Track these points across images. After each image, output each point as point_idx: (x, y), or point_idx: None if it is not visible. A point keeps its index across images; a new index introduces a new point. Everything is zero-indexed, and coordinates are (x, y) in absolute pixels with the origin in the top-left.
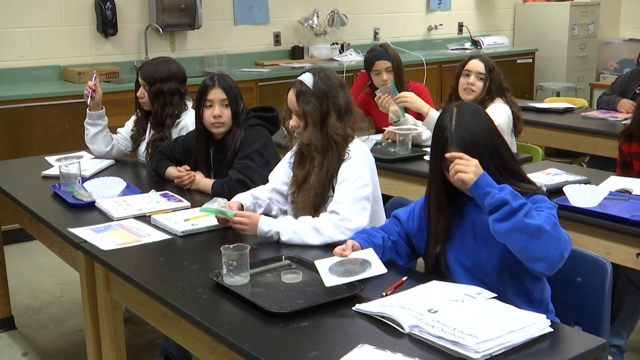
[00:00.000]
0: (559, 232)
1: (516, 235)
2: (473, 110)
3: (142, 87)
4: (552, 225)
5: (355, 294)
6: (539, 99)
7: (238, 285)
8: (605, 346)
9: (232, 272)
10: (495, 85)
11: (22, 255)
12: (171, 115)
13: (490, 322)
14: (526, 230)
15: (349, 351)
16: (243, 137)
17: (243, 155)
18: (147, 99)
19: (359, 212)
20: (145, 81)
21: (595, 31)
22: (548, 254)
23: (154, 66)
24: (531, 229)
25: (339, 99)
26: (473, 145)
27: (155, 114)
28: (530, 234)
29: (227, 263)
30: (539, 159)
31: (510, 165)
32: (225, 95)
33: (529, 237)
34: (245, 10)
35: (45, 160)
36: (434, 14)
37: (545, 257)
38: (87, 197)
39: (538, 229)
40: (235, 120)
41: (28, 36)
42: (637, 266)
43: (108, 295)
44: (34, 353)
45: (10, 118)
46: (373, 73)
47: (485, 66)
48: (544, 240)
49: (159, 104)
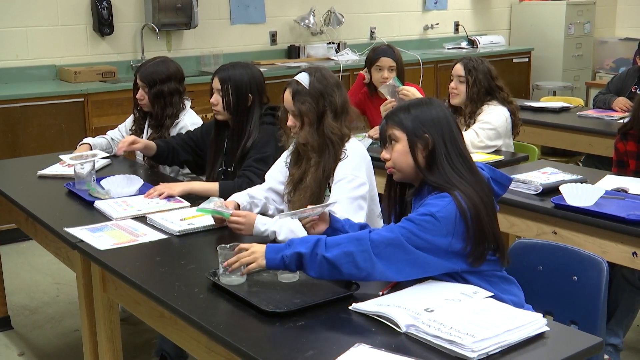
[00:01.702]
0: (364, 245)
1: (331, 273)
2: (424, 100)
3: (142, 89)
4: (355, 243)
5: (351, 293)
6: (535, 98)
7: (234, 285)
8: (601, 345)
9: (229, 272)
10: (482, 86)
11: (18, 255)
12: (170, 115)
13: (486, 321)
14: (334, 262)
15: (346, 350)
16: (257, 134)
17: (259, 157)
18: (147, 100)
19: (355, 211)
20: (145, 83)
21: (591, 30)
22: (365, 272)
23: (152, 67)
24: (338, 259)
25: (335, 98)
26: (407, 123)
27: (156, 116)
28: (340, 264)
29: (223, 263)
30: (535, 158)
31: (440, 158)
32: (220, 86)
33: (341, 267)
34: (242, 10)
35: (41, 159)
36: (430, 13)
37: (365, 275)
38: (105, 194)
39: (343, 255)
40: (233, 111)
41: (24, 36)
42: (633, 265)
43: (104, 295)
44: (31, 353)
45: (6, 118)
46: (375, 68)
47: (465, 68)
48: (356, 260)
49: (159, 106)
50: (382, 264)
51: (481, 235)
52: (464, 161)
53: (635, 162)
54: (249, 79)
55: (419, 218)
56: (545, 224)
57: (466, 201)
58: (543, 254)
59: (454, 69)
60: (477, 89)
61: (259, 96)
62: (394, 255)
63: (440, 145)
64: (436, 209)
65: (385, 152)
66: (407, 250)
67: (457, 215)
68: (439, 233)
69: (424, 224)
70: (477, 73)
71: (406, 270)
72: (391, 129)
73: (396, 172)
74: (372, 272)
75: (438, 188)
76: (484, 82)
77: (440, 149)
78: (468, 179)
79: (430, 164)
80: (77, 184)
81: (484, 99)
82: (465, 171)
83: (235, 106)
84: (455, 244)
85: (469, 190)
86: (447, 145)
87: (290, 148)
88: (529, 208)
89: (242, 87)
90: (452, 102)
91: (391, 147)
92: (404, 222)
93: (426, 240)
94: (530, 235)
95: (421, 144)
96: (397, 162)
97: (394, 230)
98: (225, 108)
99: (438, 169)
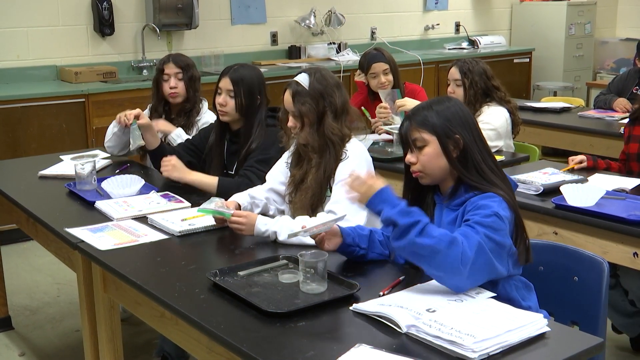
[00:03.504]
0: (454, 251)
1: (410, 255)
2: (444, 99)
3: (174, 77)
4: (446, 245)
5: (352, 294)
6: (536, 99)
7: (316, 293)
8: (602, 345)
9: (310, 280)
10: (479, 87)
11: (19, 256)
12: (199, 102)
13: (487, 322)
14: (417, 249)
15: (346, 351)
16: (262, 136)
17: (261, 158)
18: (182, 87)
19: (356, 212)
20: (180, 68)
21: (592, 31)
22: (444, 274)
23: (179, 56)
24: (422, 249)
25: (335, 99)
26: (436, 124)
27: (192, 100)
28: (421, 254)
29: (304, 270)
30: (535, 158)
31: (473, 156)
32: (231, 87)
33: (421, 257)
34: (242, 10)
35: (42, 160)
36: (431, 14)
37: (441, 276)
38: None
39: (430, 249)
40: (244, 113)
41: (24, 36)
42: (634, 265)
43: (105, 295)
44: (31, 353)
45: (7, 118)
46: (370, 76)
47: (460, 71)
48: (438, 260)
49: (193, 90)
50: (467, 275)
51: (523, 232)
52: (492, 158)
53: (638, 144)
54: (258, 80)
55: (486, 220)
56: (546, 224)
57: (509, 199)
58: (544, 255)
59: (450, 73)
60: (474, 90)
61: (265, 98)
62: (477, 263)
63: (472, 143)
64: (496, 208)
65: (411, 155)
66: (487, 256)
67: (510, 214)
68: (505, 233)
69: (494, 225)
70: (472, 75)
71: (479, 276)
72: (417, 132)
73: (425, 175)
74: (465, 259)
75: (478, 188)
76: (480, 84)
77: (472, 147)
78: (500, 176)
79: (464, 163)
80: (78, 184)
81: (482, 100)
82: (497, 170)
83: (247, 108)
84: (513, 246)
85: (505, 188)
86: (477, 143)
87: (291, 149)
88: (530, 208)
89: (253, 88)
90: None
91: (418, 150)
92: (474, 226)
93: (496, 242)
94: (531, 236)
95: (452, 144)
96: (427, 166)
97: (471, 236)
98: (237, 109)
99: (475, 168)
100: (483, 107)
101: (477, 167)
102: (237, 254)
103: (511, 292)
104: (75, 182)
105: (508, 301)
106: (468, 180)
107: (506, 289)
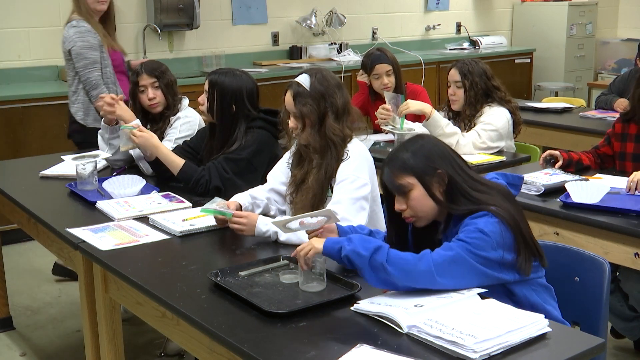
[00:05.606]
0: (424, 260)
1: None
2: (416, 138)
3: (151, 88)
4: (417, 258)
5: (353, 294)
6: (537, 99)
7: (315, 291)
8: (603, 346)
9: (308, 278)
10: (479, 88)
11: (20, 256)
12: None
13: (488, 322)
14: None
15: (348, 351)
16: (242, 141)
17: (231, 157)
18: (160, 96)
19: (357, 212)
20: (154, 76)
21: (593, 31)
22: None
23: (151, 63)
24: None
25: (336, 99)
26: (415, 166)
27: (172, 106)
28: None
29: (302, 269)
30: (537, 158)
31: (460, 186)
32: (207, 88)
33: (389, 274)
34: (244, 10)
35: (43, 160)
36: (432, 14)
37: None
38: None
39: (404, 263)
40: (215, 116)
41: (25, 36)
42: (635, 266)
43: (106, 296)
44: (32, 353)
45: (8, 118)
46: (373, 77)
47: (460, 72)
48: (409, 273)
49: (171, 95)
50: (444, 280)
51: (525, 241)
52: (480, 181)
53: (634, 144)
54: (235, 90)
55: (469, 237)
56: (547, 224)
57: (503, 213)
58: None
59: (450, 75)
60: (474, 91)
61: (245, 107)
62: (456, 271)
63: (456, 174)
64: (482, 225)
65: (399, 203)
66: (468, 264)
67: (501, 227)
68: (490, 247)
69: (476, 242)
70: (472, 76)
71: (465, 281)
72: (399, 179)
73: (418, 219)
74: (431, 287)
75: (470, 212)
76: (480, 84)
77: (457, 178)
78: (492, 193)
79: (452, 196)
80: (79, 185)
81: (482, 101)
82: (486, 188)
83: (218, 111)
84: (506, 256)
85: (499, 202)
86: (460, 173)
87: (292, 149)
88: (531, 209)
89: (226, 96)
90: (452, 108)
91: (404, 196)
92: (454, 241)
93: (481, 257)
94: None
95: (436, 181)
96: (418, 209)
97: (452, 248)
98: (208, 110)
99: (464, 197)
100: (484, 108)
101: (465, 195)
102: (238, 254)
103: (531, 296)
104: (76, 183)
105: (530, 307)
106: (457, 212)
107: (524, 293)
